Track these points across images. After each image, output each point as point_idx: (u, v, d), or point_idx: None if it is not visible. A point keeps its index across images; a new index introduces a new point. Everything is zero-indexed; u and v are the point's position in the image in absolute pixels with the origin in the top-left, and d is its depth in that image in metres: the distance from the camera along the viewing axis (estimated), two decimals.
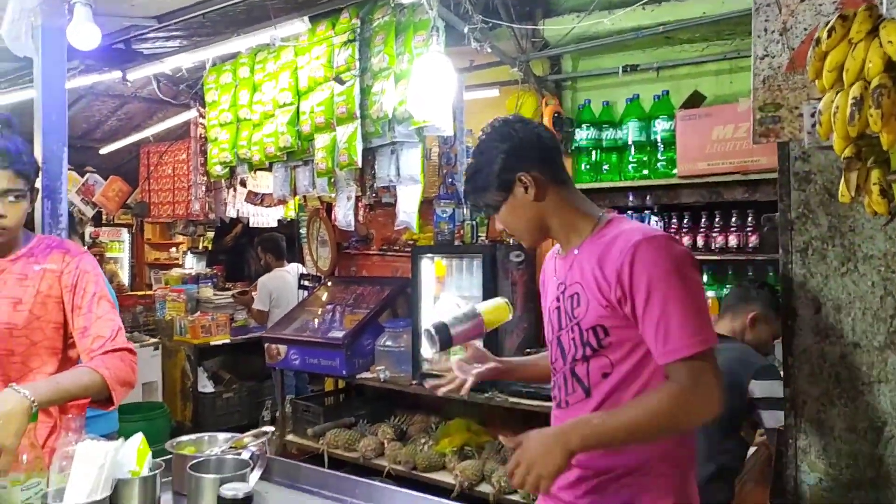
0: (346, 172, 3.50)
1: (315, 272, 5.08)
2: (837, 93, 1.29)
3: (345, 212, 3.63)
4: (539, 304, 1.75)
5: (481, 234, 3.82)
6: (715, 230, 3.39)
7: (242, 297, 5.62)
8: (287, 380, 4.65)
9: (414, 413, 4.11)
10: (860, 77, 1.24)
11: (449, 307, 3.64)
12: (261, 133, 3.83)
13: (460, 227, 3.84)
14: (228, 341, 5.50)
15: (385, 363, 3.90)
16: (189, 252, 8.72)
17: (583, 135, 3.78)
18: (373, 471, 3.63)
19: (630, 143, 3.64)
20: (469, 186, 1.59)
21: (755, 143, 1.71)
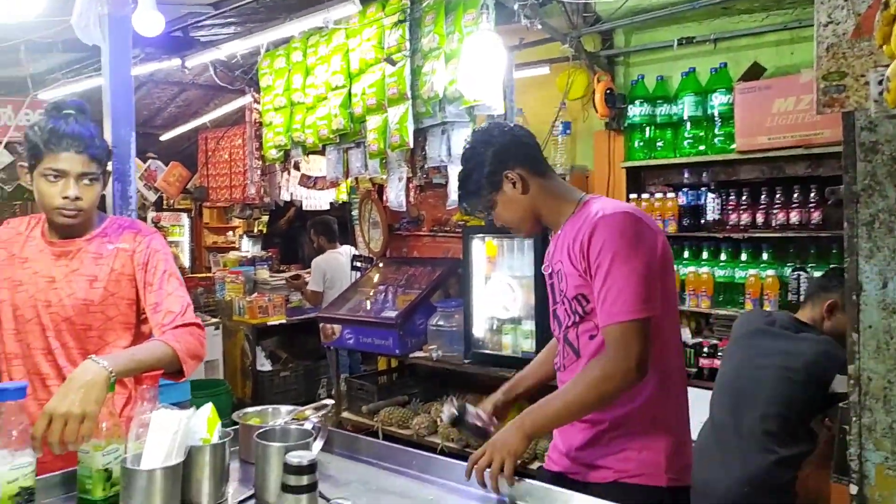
0: (398, 153, 3.52)
1: (367, 253, 5.15)
2: None
3: (396, 193, 3.65)
4: None
5: None
6: (775, 207, 3.28)
7: (294, 282, 5.75)
8: (341, 359, 4.75)
9: (466, 392, 4.14)
10: None
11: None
12: (314, 116, 3.89)
13: None
14: (284, 321, 5.67)
15: (437, 342, 3.95)
16: (245, 235, 8.96)
17: (636, 111, 3.71)
18: (426, 448, 3.64)
19: (686, 119, 3.55)
20: (463, 191, 1.76)
21: (819, 114, 1.65)
